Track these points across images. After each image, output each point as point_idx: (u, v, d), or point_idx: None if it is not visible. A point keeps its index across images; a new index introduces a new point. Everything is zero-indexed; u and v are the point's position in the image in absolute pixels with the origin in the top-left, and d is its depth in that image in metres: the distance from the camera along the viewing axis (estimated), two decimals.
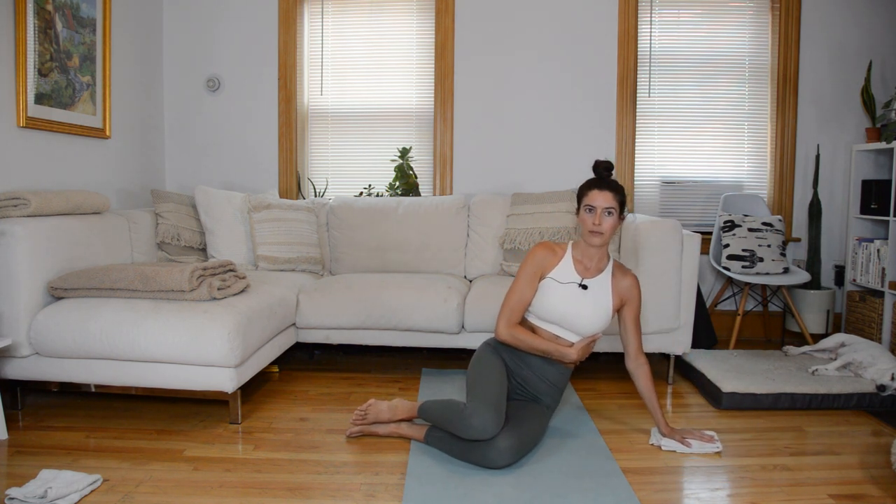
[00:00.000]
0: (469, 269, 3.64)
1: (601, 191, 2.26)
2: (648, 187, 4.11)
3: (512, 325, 2.34)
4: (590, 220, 2.26)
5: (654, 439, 2.38)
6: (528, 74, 4.02)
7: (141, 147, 3.86)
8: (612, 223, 2.26)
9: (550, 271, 2.34)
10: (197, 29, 4.10)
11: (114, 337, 2.45)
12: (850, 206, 3.92)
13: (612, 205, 2.25)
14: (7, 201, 2.59)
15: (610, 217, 2.25)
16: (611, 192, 2.26)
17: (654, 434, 2.40)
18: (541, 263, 2.35)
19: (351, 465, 2.20)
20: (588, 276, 2.34)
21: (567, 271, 2.34)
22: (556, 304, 2.31)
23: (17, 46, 2.79)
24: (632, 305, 2.38)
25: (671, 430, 2.36)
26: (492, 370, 2.30)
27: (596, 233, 2.25)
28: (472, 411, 2.11)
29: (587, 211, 2.28)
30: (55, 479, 1.96)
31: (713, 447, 2.30)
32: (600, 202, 2.25)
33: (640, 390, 2.40)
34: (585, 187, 2.31)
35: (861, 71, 3.93)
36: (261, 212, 3.53)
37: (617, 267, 2.39)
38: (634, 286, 2.37)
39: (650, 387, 2.37)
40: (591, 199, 2.27)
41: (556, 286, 2.32)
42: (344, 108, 4.18)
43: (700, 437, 2.33)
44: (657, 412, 2.38)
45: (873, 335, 3.61)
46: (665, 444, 2.33)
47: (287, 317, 3.02)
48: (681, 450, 2.30)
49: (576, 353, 2.30)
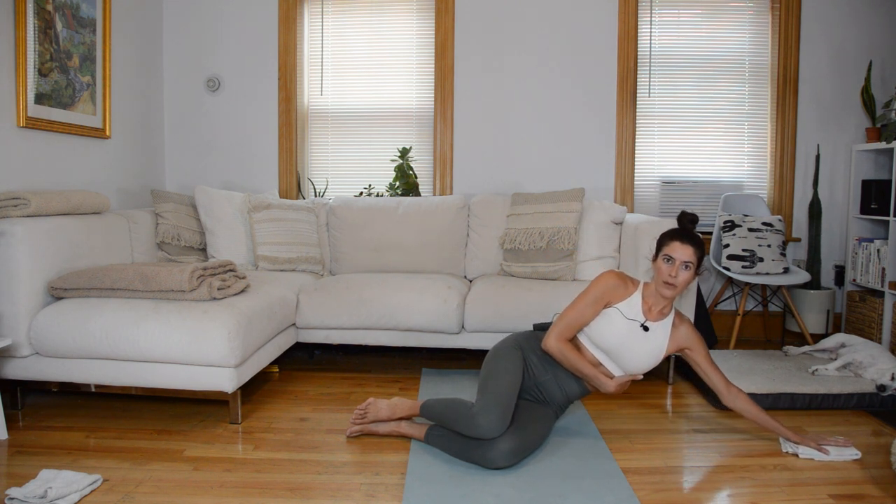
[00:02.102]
0: (469, 269, 3.64)
1: (683, 244, 2.24)
2: (648, 187, 4.11)
3: (562, 340, 2.32)
4: (666, 271, 2.24)
5: (787, 447, 2.32)
6: (528, 74, 4.02)
7: (141, 147, 3.86)
8: (687, 277, 2.24)
9: (617, 302, 2.33)
10: (197, 29, 4.10)
11: (114, 337, 2.45)
12: (850, 206, 3.91)
13: (691, 259, 2.23)
14: (7, 201, 2.59)
15: (686, 271, 2.24)
16: (692, 246, 2.24)
17: (784, 442, 2.35)
18: (611, 291, 2.34)
19: (351, 465, 2.20)
20: (651, 319, 2.33)
21: (634, 308, 2.33)
22: (615, 336, 2.30)
23: (17, 46, 2.79)
24: (698, 350, 2.37)
25: (803, 438, 2.31)
26: (508, 369, 2.29)
27: (670, 284, 2.24)
28: (480, 409, 2.11)
29: (665, 261, 2.26)
30: (55, 479, 1.96)
31: (851, 453, 2.25)
32: (680, 255, 2.23)
33: (751, 417, 2.36)
34: (668, 237, 2.29)
35: (861, 71, 3.93)
36: (261, 212, 3.53)
37: (677, 315, 2.40)
38: (692, 332, 2.38)
39: (755, 410, 2.34)
40: (671, 250, 2.25)
41: (621, 319, 2.31)
42: (344, 108, 4.18)
43: (835, 442, 2.30)
44: (778, 427, 2.33)
45: (873, 335, 3.61)
46: (802, 451, 2.27)
47: (287, 317, 3.02)
48: (818, 457, 2.24)
49: (614, 386, 2.29)
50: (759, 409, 2.35)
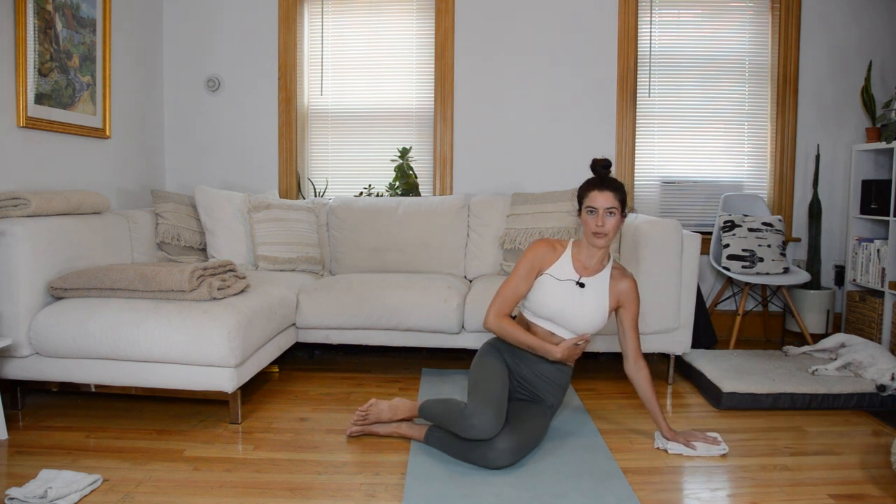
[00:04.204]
0: (469, 269, 3.64)
1: (601, 191, 2.24)
2: (648, 187, 4.11)
3: (500, 316, 2.33)
4: (592, 222, 2.24)
5: (659, 443, 2.36)
6: (528, 74, 4.02)
7: (141, 147, 3.86)
8: (614, 223, 2.24)
9: (549, 268, 2.33)
10: (197, 29, 4.10)
11: (114, 337, 2.45)
12: (850, 206, 3.91)
13: (613, 205, 2.23)
14: (7, 201, 2.59)
15: (612, 217, 2.23)
16: (611, 191, 2.23)
17: (658, 437, 2.39)
18: (539, 259, 2.34)
19: (351, 465, 2.20)
20: (586, 275, 2.33)
21: (565, 268, 2.32)
22: (552, 301, 2.30)
23: (17, 46, 2.79)
24: (630, 308, 2.36)
25: (674, 434, 2.34)
26: (493, 370, 2.30)
27: (600, 234, 2.24)
28: (473, 411, 2.11)
29: (589, 212, 2.26)
30: (55, 479, 1.96)
31: (719, 449, 2.29)
32: (601, 203, 2.23)
33: (641, 394, 2.39)
34: (585, 188, 2.29)
35: (861, 71, 3.93)
36: (261, 212, 3.53)
37: (616, 268, 2.38)
38: (633, 289, 2.35)
39: (650, 390, 2.36)
40: (591, 201, 2.25)
41: (554, 283, 2.31)
42: (344, 108, 4.18)
43: (704, 438, 2.33)
44: (658, 416, 2.37)
45: (873, 335, 3.61)
46: (671, 447, 2.32)
47: (287, 317, 3.02)
48: (687, 452, 2.29)
49: (560, 351, 2.27)
50: (653, 395, 2.36)
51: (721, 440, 2.34)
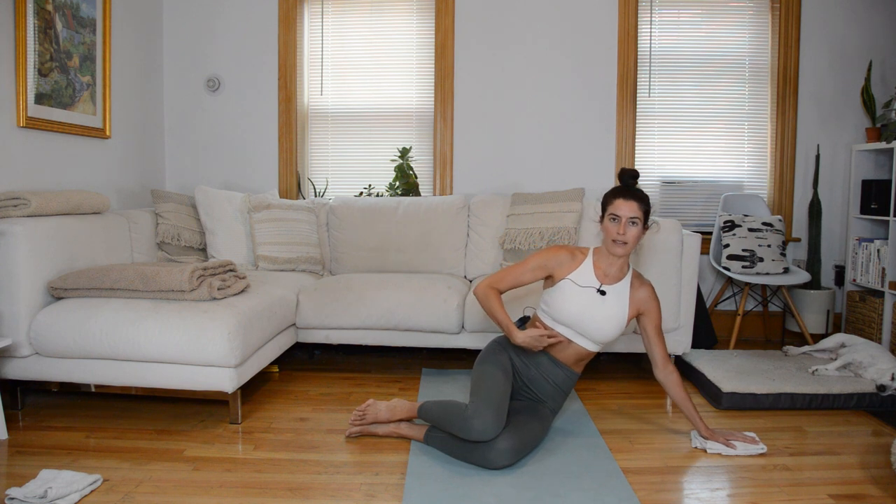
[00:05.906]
0: (469, 269, 3.64)
1: (626, 200, 2.24)
2: (648, 187, 4.10)
3: (491, 288, 2.35)
4: (614, 230, 2.25)
5: (696, 442, 2.35)
6: (528, 74, 4.02)
7: (141, 147, 3.86)
8: (636, 233, 2.24)
9: (570, 273, 2.33)
10: (197, 29, 4.10)
11: (114, 337, 2.45)
12: (850, 206, 3.91)
13: (637, 214, 2.23)
14: (7, 201, 2.59)
15: (634, 227, 2.24)
16: (636, 201, 2.24)
17: (694, 437, 2.38)
18: (555, 264, 2.34)
19: (351, 465, 2.20)
20: (607, 283, 2.33)
21: (587, 275, 2.32)
22: (572, 307, 2.29)
23: (17, 46, 2.79)
24: (652, 315, 2.37)
25: (712, 433, 2.34)
26: (496, 370, 2.30)
27: (620, 242, 2.24)
28: (474, 412, 2.11)
29: (611, 220, 2.26)
30: (55, 479, 1.96)
31: (758, 448, 2.29)
32: (625, 211, 2.23)
33: (673, 397, 2.40)
34: (610, 196, 2.29)
35: (861, 71, 3.93)
36: (261, 212, 3.53)
37: (635, 276, 2.39)
38: (652, 296, 2.36)
39: (682, 393, 2.37)
40: (615, 209, 2.25)
41: (575, 288, 2.30)
42: (344, 108, 4.18)
43: (743, 438, 2.32)
44: (695, 416, 2.37)
45: (873, 335, 3.61)
46: (710, 446, 2.30)
47: (287, 317, 3.02)
48: (726, 452, 2.28)
49: (521, 338, 2.28)
50: (686, 396, 2.37)
51: (759, 439, 2.33)
